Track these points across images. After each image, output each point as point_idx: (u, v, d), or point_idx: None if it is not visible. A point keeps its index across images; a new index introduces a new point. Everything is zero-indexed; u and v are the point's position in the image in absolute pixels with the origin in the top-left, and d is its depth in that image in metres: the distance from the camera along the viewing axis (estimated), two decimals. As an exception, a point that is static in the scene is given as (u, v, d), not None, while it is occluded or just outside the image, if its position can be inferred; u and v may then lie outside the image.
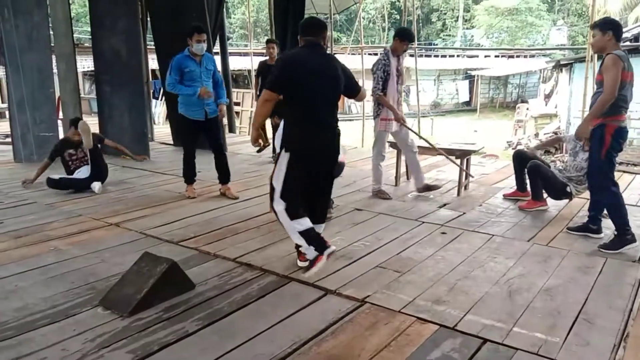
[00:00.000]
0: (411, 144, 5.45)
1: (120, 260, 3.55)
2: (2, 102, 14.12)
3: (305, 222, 3.20)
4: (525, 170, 4.96)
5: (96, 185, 5.56)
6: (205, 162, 5.81)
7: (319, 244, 3.18)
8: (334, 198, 5.22)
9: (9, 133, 7.55)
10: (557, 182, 4.77)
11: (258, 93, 7.55)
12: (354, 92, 3.54)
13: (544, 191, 4.88)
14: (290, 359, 2.41)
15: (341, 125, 3.43)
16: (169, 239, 4.05)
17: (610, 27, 3.75)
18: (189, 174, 5.36)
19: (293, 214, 3.20)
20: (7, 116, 8.12)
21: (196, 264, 3.54)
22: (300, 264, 3.43)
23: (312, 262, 3.17)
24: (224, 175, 5.38)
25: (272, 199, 3.31)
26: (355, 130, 12.61)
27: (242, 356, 2.43)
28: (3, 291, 3.10)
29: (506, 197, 5.35)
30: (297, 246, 3.38)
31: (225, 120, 5.98)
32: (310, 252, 3.18)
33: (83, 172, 5.69)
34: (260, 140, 3.52)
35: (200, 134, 5.26)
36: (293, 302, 2.98)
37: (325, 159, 3.33)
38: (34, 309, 2.87)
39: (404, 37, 5.09)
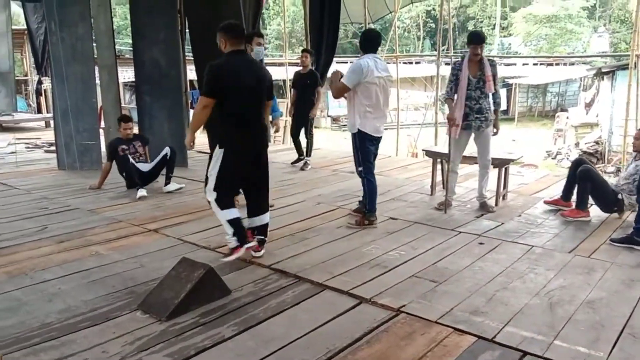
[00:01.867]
0: (481, 154, 5.20)
1: (158, 266, 3.62)
2: (48, 112, 14.67)
3: (234, 212, 3.67)
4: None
5: (143, 191, 5.74)
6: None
7: (242, 236, 3.67)
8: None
9: (54, 142, 7.81)
10: (608, 190, 4.62)
11: (293, 106, 7.62)
12: (267, 99, 3.87)
13: (591, 202, 4.73)
14: (325, 366, 2.40)
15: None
16: (205, 245, 4.11)
17: None
18: None
19: (223, 204, 3.65)
20: (52, 125, 8.41)
21: (232, 270, 3.58)
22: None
23: (232, 251, 3.66)
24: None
25: (205, 190, 3.73)
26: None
27: (277, 363, 2.43)
28: (47, 293, 3.20)
29: (547, 203, 5.20)
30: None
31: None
32: (233, 242, 3.66)
33: (143, 166, 6.02)
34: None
35: None
36: (328, 310, 2.97)
37: (255, 154, 3.76)
38: (76, 312, 2.94)
39: (469, 41, 4.95)
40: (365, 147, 4.58)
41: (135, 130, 7.70)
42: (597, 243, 4.14)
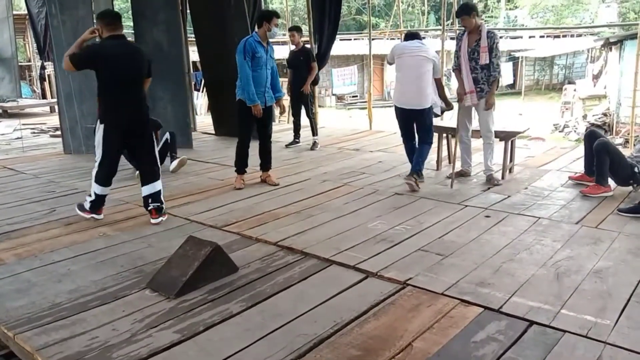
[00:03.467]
0: (480, 126, 5.27)
1: (166, 245, 3.64)
2: (52, 97, 14.67)
3: (104, 191, 4.23)
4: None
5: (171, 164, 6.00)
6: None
7: (97, 207, 4.26)
8: (379, 182, 5.20)
9: (59, 126, 7.83)
10: (625, 163, 4.55)
11: (290, 86, 7.57)
12: (147, 76, 4.28)
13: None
14: (332, 339, 2.42)
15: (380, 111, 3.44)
16: (212, 224, 4.13)
17: None
18: (241, 164, 5.34)
19: (99, 180, 4.17)
20: (57, 110, 8.41)
21: (239, 247, 3.60)
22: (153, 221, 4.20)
23: (82, 210, 4.29)
24: (266, 162, 5.42)
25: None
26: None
27: (285, 336, 2.46)
28: (57, 274, 3.23)
29: (572, 179, 5.09)
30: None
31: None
32: (87, 204, 4.26)
33: None
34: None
35: (254, 124, 5.26)
36: (334, 284, 2.99)
37: (132, 128, 4.16)
38: (85, 291, 2.98)
39: (456, 13, 5.22)
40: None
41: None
42: (604, 214, 4.12)
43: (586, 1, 30.53)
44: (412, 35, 5.25)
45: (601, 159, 4.56)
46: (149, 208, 4.24)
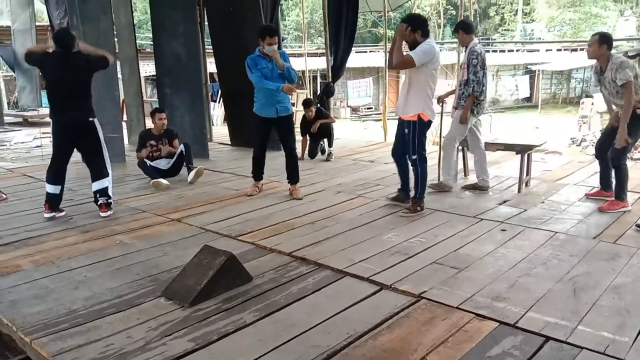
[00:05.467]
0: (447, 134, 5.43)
1: (181, 254, 3.67)
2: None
3: (52, 189, 4.66)
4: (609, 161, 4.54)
5: (164, 182, 5.95)
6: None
7: (52, 206, 4.69)
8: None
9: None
10: None
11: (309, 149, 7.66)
12: (103, 66, 4.74)
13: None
14: (346, 351, 2.41)
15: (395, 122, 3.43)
16: (227, 234, 4.15)
17: None
18: (255, 172, 5.43)
19: (47, 177, 4.67)
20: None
21: (253, 257, 3.61)
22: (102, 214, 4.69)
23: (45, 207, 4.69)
24: (290, 175, 5.38)
25: None
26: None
27: (299, 347, 2.45)
28: (73, 281, 3.27)
29: (589, 196, 4.97)
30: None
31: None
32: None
33: (162, 164, 6.23)
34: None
35: (270, 132, 5.30)
36: (348, 296, 2.98)
37: (74, 131, 4.65)
38: (101, 299, 3.01)
39: (453, 29, 5.34)
40: (424, 134, 4.57)
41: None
42: (622, 229, 4.07)
43: (604, 15, 30.34)
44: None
45: (621, 171, 4.47)
46: (99, 203, 4.72)
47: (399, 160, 4.88)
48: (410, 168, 4.76)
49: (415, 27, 4.35)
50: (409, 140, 4.54)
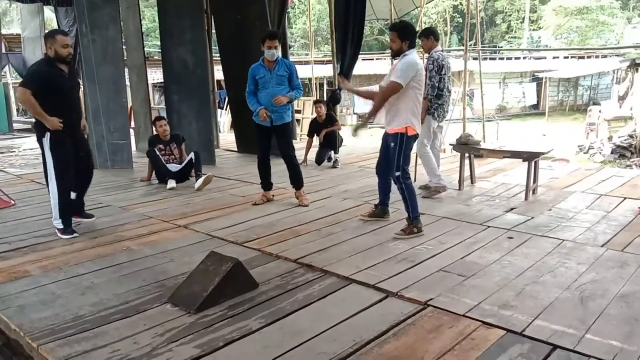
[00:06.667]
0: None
1: (187, 260, 3.68)
2: (80, 114, 15.01)
3: (73, 195, 4.51)
4: None
5: (172, 183, 6.19)
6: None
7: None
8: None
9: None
10: None
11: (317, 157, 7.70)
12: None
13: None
14: (352, 358, 2.41)
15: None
16: (233, 240, 4.16)
17: None
18: (262, 181, 5.45)
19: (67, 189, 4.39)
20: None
21: (259, 264, 3.62)
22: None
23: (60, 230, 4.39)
24: (292, 181, 5.39)
25: None
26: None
27: (304, 354, 2.45)
28: (80, 287, 3.28)
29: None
30: None
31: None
32: (58, 223, 4.37)
33: (171, 168, 6.37)
34: None
35: (269, 140, 5.33)
36: (354, 303, 2.97)
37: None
38: (108, 304, 3.02)
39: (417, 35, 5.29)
40: (409, 148, 4.28)
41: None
42: (630, 237, 4.04)
43: (612, 22, 30.28)
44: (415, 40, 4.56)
45: None
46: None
47: (383, 176, 4.62)
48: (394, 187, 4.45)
49: (405, 36, 4.15)
50: (394, 155, 4.21)
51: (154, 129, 6.91)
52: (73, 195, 4.57)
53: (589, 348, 2.43)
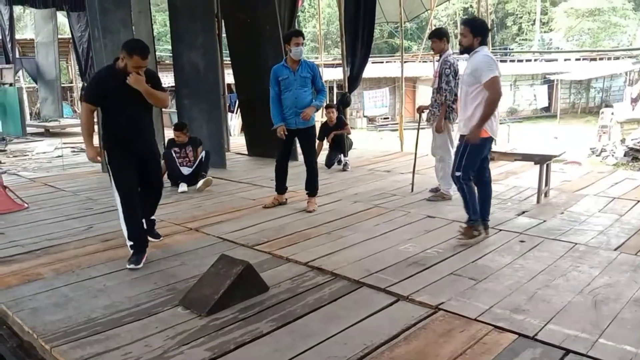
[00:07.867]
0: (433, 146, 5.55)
1: (199, 263, 3.70)
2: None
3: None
4: None
5: (184, 186, 6.26)
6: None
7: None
8: (410, 204, 5.16)
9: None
10: None
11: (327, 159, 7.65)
12: None
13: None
14: (362, 362, 2.40)
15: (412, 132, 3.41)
16: (244, 243, 4.17)
17: None
18: (277, 183, 5.40)
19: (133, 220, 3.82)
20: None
21: (270, 267, 3.62)
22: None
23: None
24: (308, 186, 5.33)
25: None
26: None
27: (315, 358, 2.45)
28: (93, 290, 3.31)
29: None
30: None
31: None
32: (129, 245, 3.81)
33: (184, 171, 6.43)
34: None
35: (292, 142, 5.32)
36: (365, 306, 2.97)
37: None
38: (120, 307, 3.04)
39: (428, 36, 5.50)
40: (480, 152, 4.05)
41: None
42: (644, 240, 4.00)
43: (624, 24, 30.02)
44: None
45: None
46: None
47: (476, 183, 4.22)
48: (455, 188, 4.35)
49: (477, 32, 3.98)
50: (459, 154, 4.07)
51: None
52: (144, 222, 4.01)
53: (603, 353, 2.41)
